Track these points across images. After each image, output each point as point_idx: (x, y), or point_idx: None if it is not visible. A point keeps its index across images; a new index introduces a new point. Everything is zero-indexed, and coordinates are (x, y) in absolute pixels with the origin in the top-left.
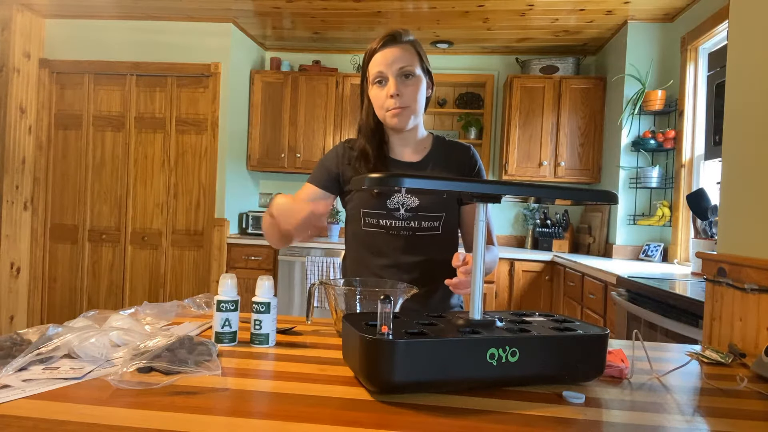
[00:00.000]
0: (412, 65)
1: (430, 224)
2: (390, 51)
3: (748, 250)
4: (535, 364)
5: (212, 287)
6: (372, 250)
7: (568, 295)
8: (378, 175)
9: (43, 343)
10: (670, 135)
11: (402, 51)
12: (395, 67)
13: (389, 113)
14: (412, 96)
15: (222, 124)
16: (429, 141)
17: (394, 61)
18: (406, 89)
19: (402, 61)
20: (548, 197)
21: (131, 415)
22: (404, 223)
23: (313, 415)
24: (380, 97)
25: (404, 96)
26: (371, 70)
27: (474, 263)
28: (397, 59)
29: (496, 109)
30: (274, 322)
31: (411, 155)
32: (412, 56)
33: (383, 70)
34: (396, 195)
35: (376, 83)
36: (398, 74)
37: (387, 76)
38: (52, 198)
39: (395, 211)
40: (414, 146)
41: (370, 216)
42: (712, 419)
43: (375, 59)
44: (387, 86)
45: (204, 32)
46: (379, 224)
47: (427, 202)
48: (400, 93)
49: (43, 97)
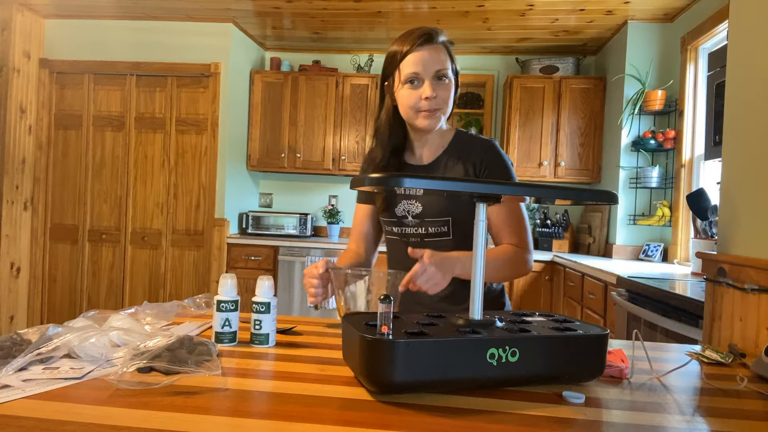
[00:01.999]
0: (446, 67)
1: (438, 229)
2: (426, 52)
3: (748, 250)
4: (535, 364)
5: (212, 287)
6: (393, 257)
7: (568, 295)
8: (377, 176)
9: (43, 343)
10: (670, 135)
11: (437, 52)
12: (432, 69)
13: (422, 114)
14: (445, 99)
15: (222, 124)
16: (449, 138)
17: (430, 63)
18: (441, 92)
19: (438, 64)
20: (548, 197)
21: (131, 415)
22: (413, 230)
23: (313, 415)
24: (413, 97)
25: (439, 99)
26: (404, 70)
27: (474, 263)
28: (434, 61)
29: (496, 109)
30: (274, 322)
31: (425, 157)
32: (446, 58)
33: (419, 71)
34: (401, 202)
35: (408, 83)
36: (434, 76)
37: (423, 78)
38: (52, 198)
39: (404, 218)
40: (432, 146)
41: (386, 224)
42: (712, 419)
43: (409, 59)
44: (422, 88)
45: (204, 32)
46: (393, 232)
47: (429, 207)
48: (435, 95)
49: (43, 97)
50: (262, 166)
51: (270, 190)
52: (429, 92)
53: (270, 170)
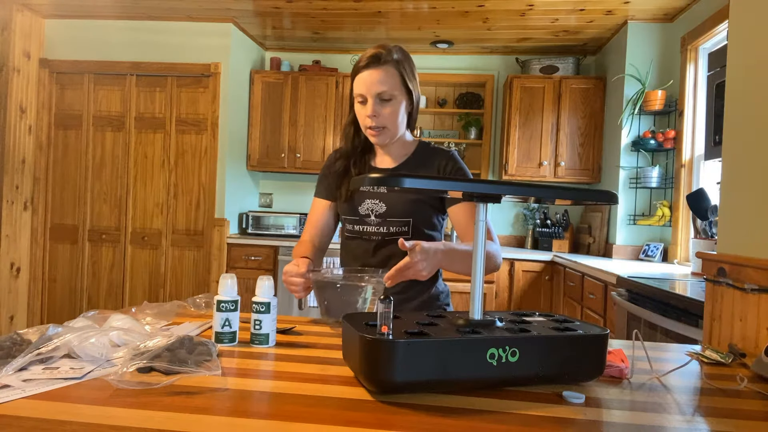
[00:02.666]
0: (391, 89)
1: (399, 229)
2: (371, 73)
3: (748, 250)
4: (535, 364)
5: (212, 287)
6: (351, 254)
7: (568, 295)
8: (377, 176)
9: (43, 343)
10: (670, 135)
11: (383, 74)
12: (374, 91)
13: (369, 132)
14: (389, 118)
15: (222, 124)
16: (412, 148)
17: (374, 85)
18: (383, 111)
19: (381, 86)
20: (548, 197)
21: (131, 415)
22: (375, 229)
23: (313, 415)
24: (361, 114)
25: (381, 117)
26: (354, 88)
27: (474, 264)
28: (377, 83)
29: (496, 109)
30: (274, 322)
31: (389, 162)
32: (393, 78)
33: (362, 92)
34: (366, 201)
35: (358, 101)
36: (377, 97)
37: (366, 98)
38: (52, 198)
39: (366, 217)
40: (395, 154)
41: (348, 222)
42: (712, 419)
43: (358, 78)
44: (367, 107)
45: (204, 32)
46: (354, 230)
47: (394, 208)
48: (377, 114)
49: (43, 97)
50: (262, 166)
51: (270, 190)
52: (369, 111)
53: (270, 170)
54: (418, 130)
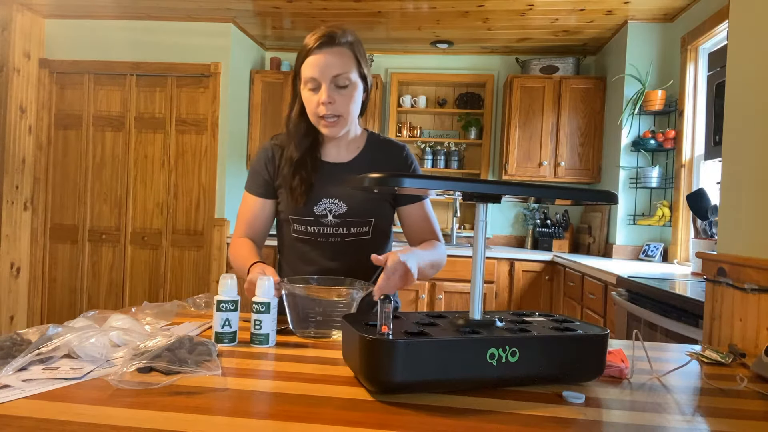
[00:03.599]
0: (348, 72)
1: (360, 229)
2: (325, 55)
3: (748, 250)
4: (535, 364)
5: (212, 287)
6: (302, 257)
7: (568, 295)
8: (377, 175)
9: (43, 343)
10: (670, 135)
11: (338, 56)
12: (329, 74)
13: (322, 122)
14: (345, 105)
15: (222, 124)
16: (363, 140)
17: (329, 67)
18: (340, 98)
19: (337, 68)
20: (548, 197)
21: (131, 415)
22: (333, 230)
23: (313, 415)
24: (312, 102)
25: (337, 104)
26: (304, 72)
27: (474, 264)
28: (332, 65)
29: (496, 109)
30: (274, 322)
31: (342, 155)
32: (349, 61)
33: (316, 75)
34: (323, 200)
35: (309, 88)
36: (332, 82)
37: (320, 82)
38: (52, 198)
39: (323, 217)
40: (346, 146)
41: (298, 223)
42: (712, 419)
43: (309, 61)
44: (319, 93)
45: (204, 32)
46: (307, 231)
47: (356, 208)
48: (333, 101)
49: (43, 97)
50: None
51: None
52: (324, 97)
53: None
54: (418, 130)
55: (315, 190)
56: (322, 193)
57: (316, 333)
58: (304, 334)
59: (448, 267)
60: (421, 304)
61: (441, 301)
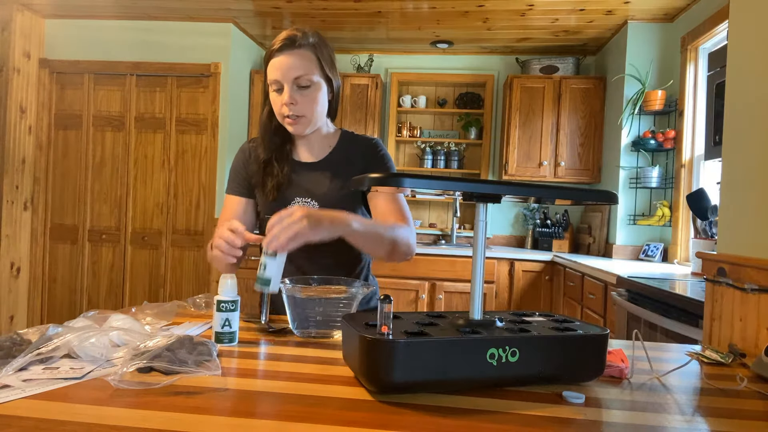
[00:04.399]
0: (309, 74)
1: None
2: (286, 58)
3: (748, 250)
4: (535, 364)
5: (212, 287)
6: None
7: (568, 295)
8: (377, 175)
9: (43, 343)
10: (670, 135)
11: (299, 58)
12: (290, 76)
13: (286, 121)
14: (308, 106)
15: (222, 124)
16: (336, 138)
17: (290, 70)
18: (302, 98)
19: (298, 70)
20: (548, 197)
21: (131, 415)
22: None
23: (313, 415)
24: (277, 103)
25: (299, 105)
26: (269, 74)
27: (474, 264)
28: (293, 67)
29: (496, 109)
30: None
31: (313, 155)
32: (310, 63)
33: (279, 78)
34: (295, 199)
35: (274, 89)
36: (294, 83)
37: (283, 84)
38: (52, 198)
39: None
40: (318, 146)
41: None
42: (712, 419)
43: (272, 64)
44: (283, 94)
45: (204, 32)
46: None
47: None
48: (294, 102)
49: (43, 97)
50: None
51: None
52: (286, 98)
53: None
54: (418, 130)
55: (287, 188)
56: (294, 192)
57: (317, 333)
58: (304, 334)
59: (448, 267)
60: (421, 304)
61: (441, 301)
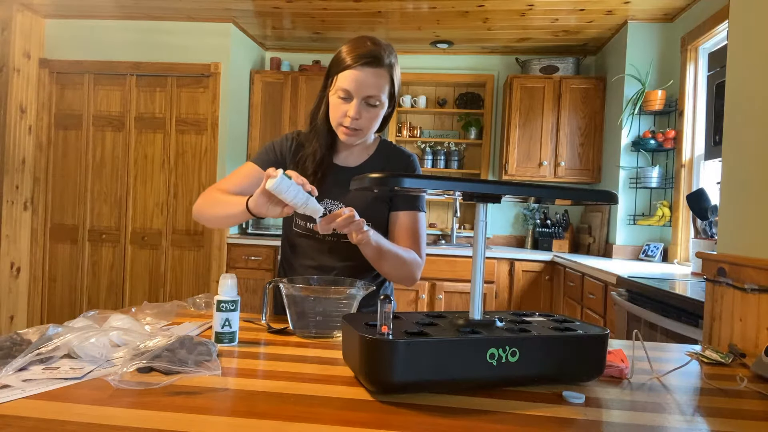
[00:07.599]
0: (380, 93)
1: None
2: (364, 74)
3: (748, 250)
4: (535, 364)
5: (212, 287)
6: (301, 253)
7: (568, 295)
8: (378, 175)
9: (43, 343)
10: (670, 135)
11: (376, 77)
12: (363, 93)
13: (342, 130)
14: (369, 122)
15: (222, 124)
16: (374, 146)
17: (366, 87)
18: (366, 114)
19: (372, 89)
20: (548, 197)
21: (131, 415)
22: None
23: (313, 415)
24: (339, 110)
25: (362, 120)
26: (339, 82)
27: (474, 264)
28: (369, 86)
29: (496, 109)
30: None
31: (352, 160)
32: (384, 83)
33: (351, 90)
34: (325, 200)
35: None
36: (364, 99)
37: (352, 97)
38: (52, 198)
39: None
40: (357, 152)
41: (300, 218)
42: (712, 419)
43: (348, 74)
44: (349, 105)
45: (204, 32)
46: (307, 227)
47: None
48: (359, 117)
49: (43, 97)
50: None
51: None
52: (353, 112)
53: None
54: (418, 130)
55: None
56: (326, 194)
57: (317, 333)
58: (304, 334)
59: (448, 267)
60: (421, 304)
61: (441, 301)
